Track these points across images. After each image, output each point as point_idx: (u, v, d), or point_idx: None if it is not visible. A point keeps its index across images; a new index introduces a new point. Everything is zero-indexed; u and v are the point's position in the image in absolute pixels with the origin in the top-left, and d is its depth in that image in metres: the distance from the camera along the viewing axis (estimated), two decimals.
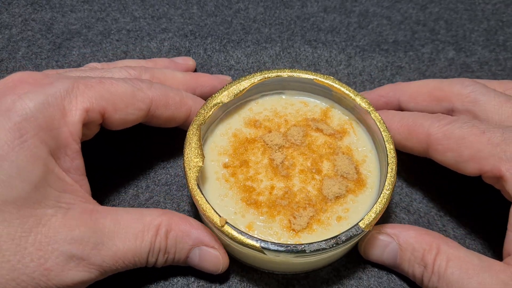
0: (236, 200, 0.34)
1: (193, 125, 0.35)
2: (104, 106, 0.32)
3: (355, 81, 0.46)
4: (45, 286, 0.27)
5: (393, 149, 0.34)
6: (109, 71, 0.37)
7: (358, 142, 0.37)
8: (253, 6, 0.52)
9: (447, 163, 0.34)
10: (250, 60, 0.47)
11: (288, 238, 0.32)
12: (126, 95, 0.33)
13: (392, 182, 0.32)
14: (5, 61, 0.47)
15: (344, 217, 0.33)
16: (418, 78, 0.47)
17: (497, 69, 0.48)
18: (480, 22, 0.51)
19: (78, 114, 0.30)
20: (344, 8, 0.52)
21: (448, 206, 0.39)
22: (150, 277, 0.35)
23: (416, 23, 0.51)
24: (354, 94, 0.37)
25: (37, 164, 0.27)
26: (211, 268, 0.33)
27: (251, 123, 0.38)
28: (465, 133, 0.33)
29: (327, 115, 0.39)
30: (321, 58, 0.48)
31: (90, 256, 0.28)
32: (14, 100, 0.28)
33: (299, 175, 0.35)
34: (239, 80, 0.38)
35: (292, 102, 0.40)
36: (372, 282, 0.35)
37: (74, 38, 0.49)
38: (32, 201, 0.27)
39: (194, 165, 0.33)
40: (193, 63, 0.45)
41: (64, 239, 0.28)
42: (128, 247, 0.30)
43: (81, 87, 0.31)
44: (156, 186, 0.39)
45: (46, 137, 0.28)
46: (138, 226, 0.31)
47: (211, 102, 0.36)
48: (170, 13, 0.51)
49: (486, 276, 0.30)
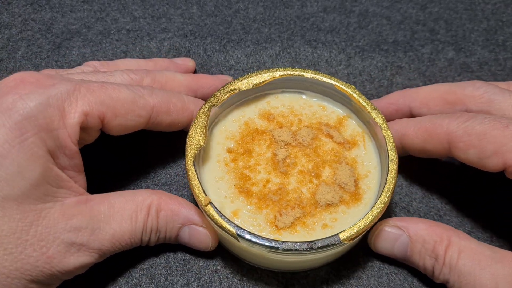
0: (230, 185, 0.35)
1: (205, 105, 0.36)
2: (103, 111, 0.32)
3: (355, 81, 0.46)
4: (48, 272, 0.29)
5: (395, 170, 0.33)
6: (111, 75, 0.37)
7: (365, 156, 0.37)
8: (252, 6, 0.52)
9: (470, 160, 0.34)
10: (250, 60, 0.47)
11: (269, 233, 0.33)
12: (127, 101, 0.34)
13: (385, 202, 0.32)
14: (5, 61, 0.47)
15: (330, 225, 0.33)
16: (418, 78, 0.47)
17: (497, 69, 0.48)
18: (480, 22, 0.51)
19: (77, 117, 0.31)
20: (344, 8, 0.52)
21: (448, 206, 0.39)
22: (150, 277, 0.35)
23: (416, 23, 0.51)
24: (371, 107, 0.36)
25: (37, 163, 0.28)
26: (201, 245, 0.35)
27: (265, 115, 0.39)
28: (486, 128, 0.32)
29: (342, 123, 0.38)
30: (321, 58, 0.48)
31: (89, 241, 0.30)
32: (15, 100, 0.29)
33: (297, 175, 0.35)
34: (261, 72, 0.38)
35: (311, 104, 0.39)
36: (372, 282, 0.35)
37: (74, 38, 0.49)
38: (32, 198, 0.28)
39: (196, 142, 0.34)
40: (193, 64, 0.46)
41: (63, 228, 0.29)
42: (125, 228, 0.32)
43: (83, 90, 0.32)
44: (156, 186, 0.40)
45: (45, 137, 0.29)
46: (131, 207, 0.32)
47: (229, 87, 0.37)
48: (170, 13, 0.51)
49: (498, 267, 0.30)
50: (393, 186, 0.32)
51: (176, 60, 0.45)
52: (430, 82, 0.46)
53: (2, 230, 0.27)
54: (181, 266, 0.36)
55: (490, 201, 0.39)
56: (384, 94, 0.45)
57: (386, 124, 0.35)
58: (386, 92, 0.45)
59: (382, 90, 0.46)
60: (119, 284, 0.35)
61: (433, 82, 0.46)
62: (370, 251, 0.36)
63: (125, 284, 0.35)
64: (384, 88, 0.46)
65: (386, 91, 0.45)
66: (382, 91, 0.45)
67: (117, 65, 0.41)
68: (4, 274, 0.27)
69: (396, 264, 0.36)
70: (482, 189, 0.40)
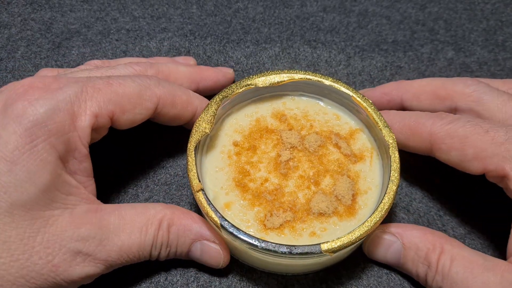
0: (228, 177, 0.35)
1: (219, 95, 0.36)
2: (112, 109, 0.32)
3: (355, 81, 0.46)
4: (53, 281, 0.29)
5: (393, 191, 0.32)
6: (115, 68, 0.37)
7: (369, 173, 0.36)
8: (252, 5, 0.52)
9: (451, 162, 0.34)
10: (250, 61, 0.47)
11: (255, 231, 0.33)
12: (134, 95, 0.34)
13: (375, 221, 0.31)
14: (4, 60, 0.47)
15: (318, 234, 0.33)
16: (417, 78, 0.47)
17: (496, 69, 0.48)
18: (479, 22, 0.51)
19: (88, 119, 0.31)
20: (344, 7, 0.52)
21: (447, 205, 0.39)
22: (150, 276, 0.35)
23: (416, 22, 0.51)
24: (383, 124, 0.35)
25: (46, 169, 0.28)
26: (212, 262, 0.34)
27: (278, 115, 0.38)
28: (468, 132, 0.33)
29: (353, 135, 0.38)
30: (320, 58, 0.48)
31: (96, 251, 0.30)
32: (25, 106, 0.29)
33: (297, 179, 0.35)
34: (281, 71, 0.38)
35: (326, 111, 0.39)
36: (371, 282, 0.35)
37: (74, 38, 0.49)
38: (40, 204, 0.28)
39: (201, 129, 0.34)
40: (194, 63, 0.45)
41: (70, 236, 0.29)
42: (133, 240, 0.31)
43: (90, 90, 0.32)
44: (155, 186, 0.40)
45: (55, 142, 0.29)
46: (142, 219, 0.32)
47: (245, 81, 0.37)
48: (170, 12, 0.51)
49: (490, 275, 0.30)
50: (388, 207, 0.32)
51: (177, 59, 0.45)
52: None
53: (9, 236, 0.27)
54: (180, 266, 0.36)
55: (490, 201, 0.39)
56: None
57: (395, 143, 0.34)
58: None
59: None
60: (119, 283, 0.35)
61: None
62: None
63: (125, 284, 0.35)
64: None
65: None
66: None
67: (118, 63, 0.41)
68: (10, 281, 0.27)
69: None
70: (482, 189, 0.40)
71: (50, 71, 0.39)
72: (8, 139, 0.28)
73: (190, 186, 0.33)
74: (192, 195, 0.39)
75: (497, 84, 0.38)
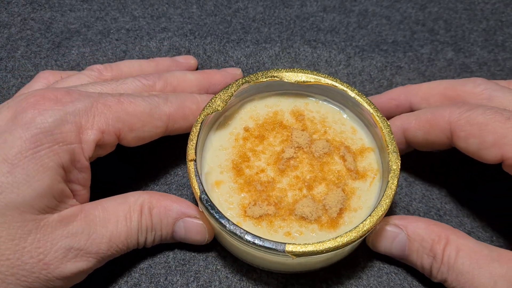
0: (228, 158, 0.36)
1: (242, 79, 0.37)
2: (120, 127, 0.33)
3: (355, 81, 0.46)
4: (45, 279, 0.29)
5: (378, 217, 0.31)
6: (124, 83, 0.37)
7: (366, 193, 0.35)
8: (252, 5, 0.52)
9: (469, 150, 0.34)
10: (250, 61, 0.47)
11: (234, 215, 0.33)
12: (144, 115, 0.34)
13: (347, 240, 0.30)
14: (4, 60, 0.47)
15: (293, 236, 0.33)
16: (417, 78, 0.47)
17: (496, 70, 0.48)
18: (479, 22, 0.51)
19: (93, 134, 0.32)
20: (344, 7, 0.52)
21: (447, 206, 0.39)
22: (150, 276, 0.35)
23: (416, 23, 0.51)
24: (393, 149, 0.34)
25: (46, 174, 0.29)
26: (198, 237, 0.35)
27: (297, 114, 0.38)
28: (488, 119, 0.32)
29: (362, 153, 0.37)
30: (320, 58, 0.48)
31: (87, 245, 0.31)
32: (35, 115, 0.30)
33: (291, 179, 0.35)
34: (309, 72, 0.38)
35: (345, 122, 0.38)
36: (371, 281, 0.35)
37: (73, 38, 0.49)
38: (35, 208, 0.29)
39: (214, 106, 0.35)
40: (195, 62, 0.46)
41: (61, 234, 0.30)
42: (120, 229, 0.32)
43: (100, 107, 0.33)
44: (155, 186, 0.40)
45: (59, 150, 0.30)
46: (124, 208, 0.33)
47: (272, 73, 0.37)
48: (170, 12, 0.51)
49: (496, 265, 0.30)
50: (367, 229, 0.31)
51: (178, 59, 0.45)
52: None
53: (0, 237, 0.28)
54: (180, 265, 0.36)
55: (490, 201, 0.39)
56: None
57: (398, 171, 0.33)
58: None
59: (382, 90, 0.46)
60: (118, 284, 0.35)
61: None
62: (370, 251, 0.36)
63: (124, 284, 0.35)
64: (384, 88, 0.46)
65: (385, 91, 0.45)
66: (382, 91, 0.45)
67: (120, 68, 0.41)
68: (0, 279, 0.28)
69: (396, 264, 0.36)
70: (482, 189, 0.40)
71: (52, 74, 0.39)
72: (13, 143, 0.29)
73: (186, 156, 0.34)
74: (192, 195, 0.39)
75: (502, 84, 0.38)
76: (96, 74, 0.39)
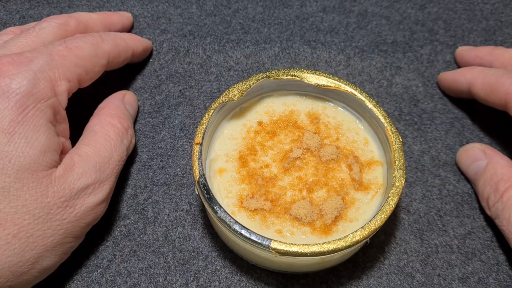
0: (236, 148, 0.36)
1: (263, 74, 0.37)
2: (79, 72, 0.36)
3: (354, 82, 0.46)
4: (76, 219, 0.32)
5: (368, 232, 0.31)
6: (43, 27, 0.38)
7: (365, 206, 0.34)
8: (252, 5, 0.52)
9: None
10: (250, 61, 0.47)
11: (230, 204, 0.34)
12: (91, 56, 0.37)
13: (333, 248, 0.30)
14: None
15: (283, 234, 0.33)
16: (417, 78, 0.47)
17: None
18: (479, 22, 0.51)
19: (64, 84, 0.34)
20: (343, 8, 0.52)
21: (447, 206, 0.39)
22: (149, 276, 0.35)
23: (415, 23, 0.51)
24: (399, 166, 0.33)
25: (41, 132, 0.31)
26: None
27: (313, 116, 0.38)
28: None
29: (370, 165, 0.36)
30: (320, 58, 0.48)
31: (97, 177, 0.33)
32: (8, 82, 0.31)
33: (294, 179, 0.35)
34: (330, 76, 0.38)
35: (359, 132, 0.38)
36: (371, 282, 0.35)
37: None
38: (42, 164, 0.31)
39: (231, 96, 0.36)
40: (129, 22, 0.48)
41: (73, 178, 0.32)
42: (110, 149, 0.35)
43: (57, 58, 0.34)
44: (154, 186, 0.39)
45: (43, 107, 0.32)
46: (102, 133, 0.36)
47: (293, 72, 0.38)
48: (169, 12, 0.51)
49: None
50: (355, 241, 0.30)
51: (112, 16, 0.46)
52: (429, 83, 0.46)
53: (25, 200, 0.30)
54: (180, 266, 0.36)
55: None
56: (384, 95, 0.45)
57: (400, 190, 0.33)
58: (385, 92, 0.45)
59: (381, 90, 0.46)
60: (118, 284, 0.35)
61: (432, 83, 0.46)
62: (369, 251, 0.36)
63: (124, 284, 0.35)
64: (384, 89, 0.46)
65: (385, 91, 0.46)
66: (382, 91, 0.46)
67: (36, 24, 0.40)
68: (40, 235, 0.30)
69: (396, 264, 0.36)
70: None
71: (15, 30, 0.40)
72: (2, 114, 0.30)
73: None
74: (192, 195, 0.39)
75: None
76: (14, 30, 0.40)
